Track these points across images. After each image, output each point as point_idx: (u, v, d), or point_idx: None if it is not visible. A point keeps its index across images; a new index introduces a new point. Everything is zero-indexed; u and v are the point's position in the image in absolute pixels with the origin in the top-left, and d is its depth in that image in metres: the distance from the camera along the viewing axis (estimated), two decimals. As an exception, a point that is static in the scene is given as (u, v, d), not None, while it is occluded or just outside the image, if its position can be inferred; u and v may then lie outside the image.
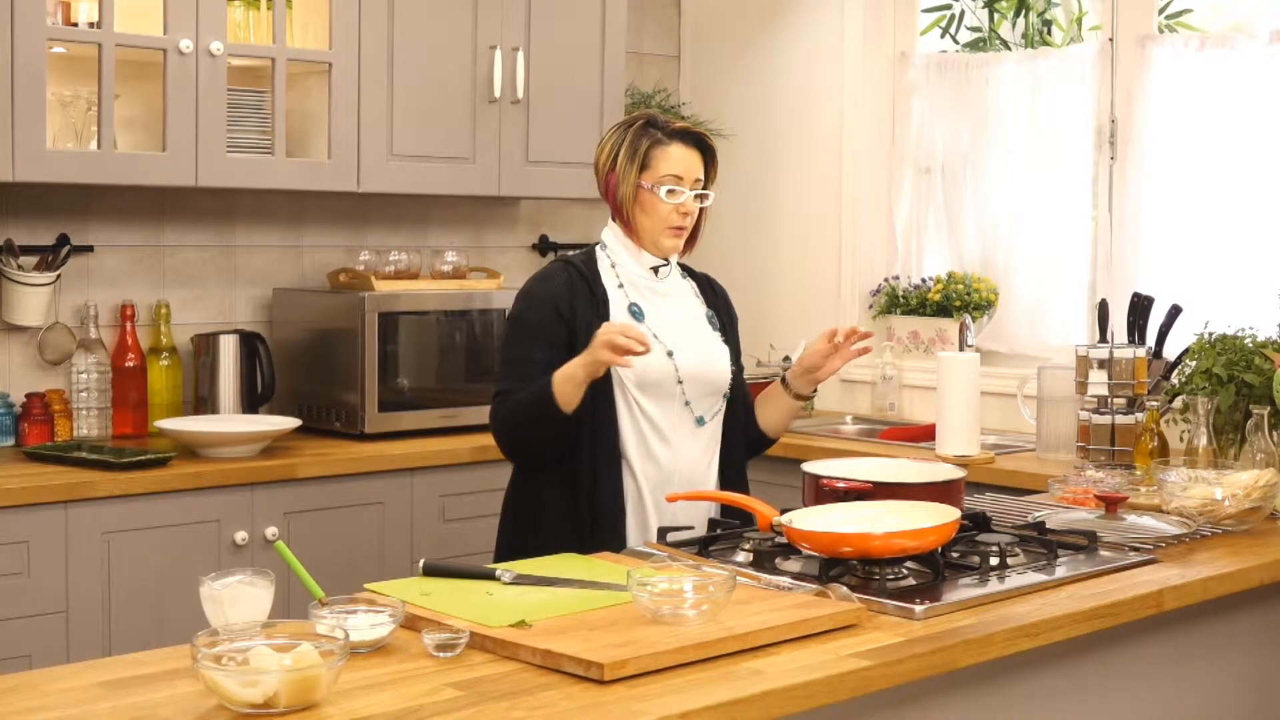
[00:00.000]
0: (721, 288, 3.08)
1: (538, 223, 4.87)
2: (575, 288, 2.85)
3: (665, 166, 2.85)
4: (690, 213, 2.88)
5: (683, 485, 2.84)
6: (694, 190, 2.88)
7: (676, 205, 2.85)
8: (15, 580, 3.27)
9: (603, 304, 2.85)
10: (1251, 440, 3.11)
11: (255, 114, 3.89)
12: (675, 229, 2.88)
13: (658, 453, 2.84)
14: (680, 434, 2.86)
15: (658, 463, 2.84)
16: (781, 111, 4.98)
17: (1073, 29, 4.79)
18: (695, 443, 2.89)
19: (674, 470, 2.85)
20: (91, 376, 3.93)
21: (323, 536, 3.69)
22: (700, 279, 3.05)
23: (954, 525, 2.34)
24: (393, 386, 4.03)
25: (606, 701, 1.79)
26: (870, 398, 4.73)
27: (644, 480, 2.83)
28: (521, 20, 4.31)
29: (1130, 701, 2.52)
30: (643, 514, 2.83)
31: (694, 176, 2.87)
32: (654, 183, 2.85)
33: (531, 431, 2.80)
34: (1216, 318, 3.61)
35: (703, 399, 2.89)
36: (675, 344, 2.84)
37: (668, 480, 2.84)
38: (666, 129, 2.89)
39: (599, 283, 2.87)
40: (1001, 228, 4.57)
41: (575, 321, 2.82)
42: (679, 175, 2.85)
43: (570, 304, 2.83)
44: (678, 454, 2.86)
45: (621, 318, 2.85)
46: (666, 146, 2.87)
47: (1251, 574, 2.59)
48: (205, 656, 1.73)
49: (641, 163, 2.86)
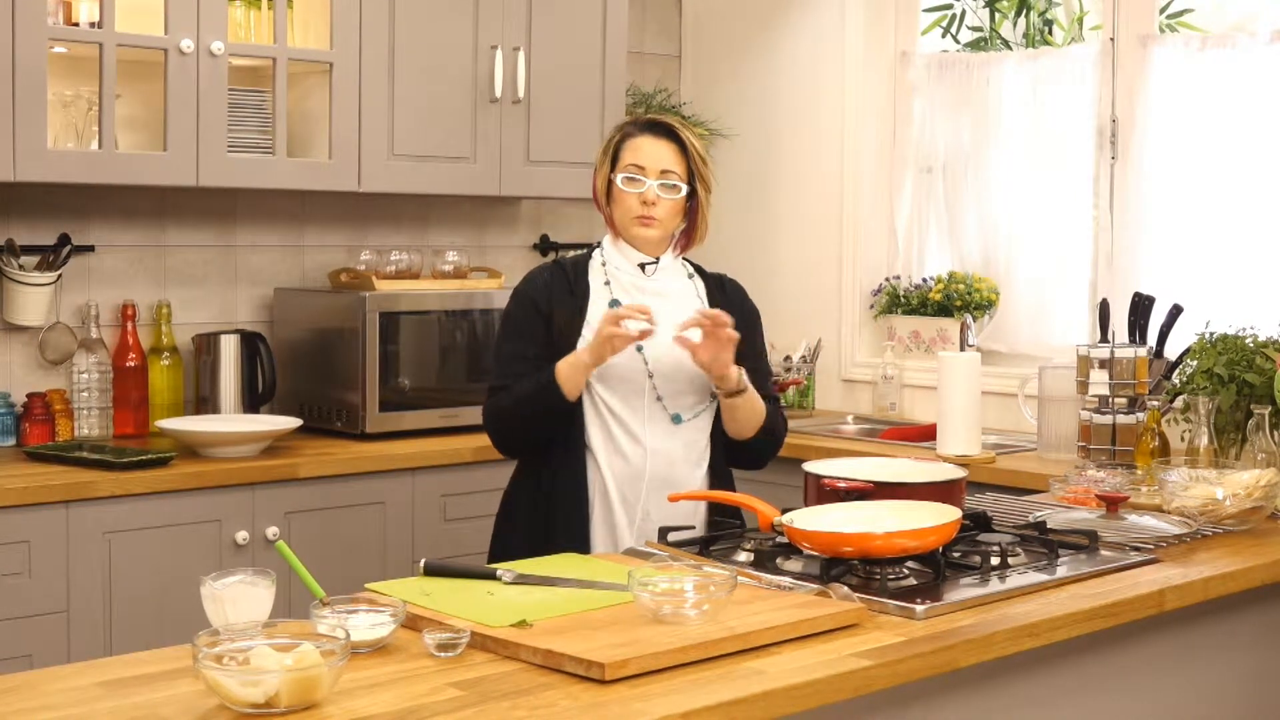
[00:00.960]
0: (737, 289, 3.04)
1: (539, 222, 4.87)
2: (554, 286, 2.89)
3: (629, 157, 2.87)
4: (652, 201, 2.85)
5: (656, 483, 2.82)
6: (659, 180, 2.86)
7: (639, 194, 2.85)
8: (16, 580, 3.27)
9: (581, 300, 2.87)
10: (1252, 440, 3.11)
11: (256, 114, 3.89)
12: (641, 219, 2.86)
13: (624, 448, 2.83)
14: (652, 431, 2.84)
15: (625, 458, 2.83)
16: (782, 111, 4.98)
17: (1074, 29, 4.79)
18: (672, 441, 2.86)
19: (644, 467, 2.83)
20: (92, 376, 3.93)
21: (324, 536, 3.69)
22: (711, 279, 3.03)
23: (955, 525, 2.34)
24: (394, 386, 4.03)
25: (607, 701, 1.79)
26: (871, 397, 4.73)
27: (609, 474, 2.83)
28: (522, 20, 4.31)
29: (1132, 701, 2.51)
30: (608, 508, 2.82)
31: (660, 167, 2.86)
32: (621, 174, 2.87)
33: (531, 422, 2.82)
34: (1217, 317, 3.62)
35: (679, 397, 2.86)
36: (649, 339, 2.77)
37: (637, 476, 2.83)
38: (638, 122, 2.92)
39: (582, 280, 2.89)
40: (1002, 227, 4.57)
41: (552, 317, 2.85)
42: (640, 165, 2.86)
43: (548, 301, 2.87)
44: (649, 451, 2.83)
45: (597, 314, 2.84)
46: (635, 138, 2.89)
47: (1253, 573, 2.59)
48: (206, 656, 1.73)
49: (612, 157, 2.90)
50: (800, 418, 4.64)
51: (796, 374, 4.70)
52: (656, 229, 2.88)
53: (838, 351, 4.83)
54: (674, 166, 2.87)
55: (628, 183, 2.86)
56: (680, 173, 2.88)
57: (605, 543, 2.81)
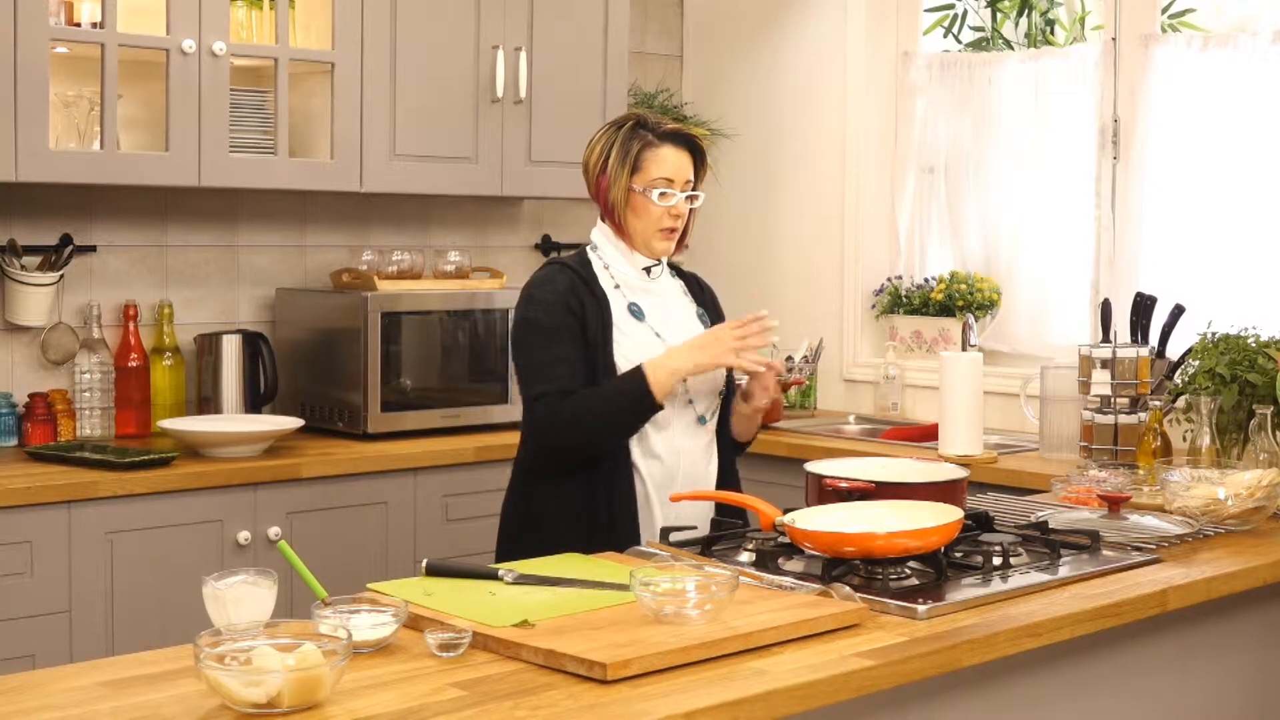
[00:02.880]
0: (708, 286, 3.08)
1: (540, 222, 4.87)
2: (577, 288, 2.85)
3: (657, 169, 2.85)
4: (682, 214, 2.88)
5: (686, 484, 2.84)
6: (685, 192, 2.87)
7: (669, 208, 2.85)
8: (18, 580, 3.28)
9: (604, 304, 2.85)
10: (1254, 440, 3.11)
11: (258, 114, 3.90)
12: (667, 231, 2.88)
13: (661, 452, 2.84)
14: (683, 433, 2.87)
15: (661, 461, 2.84)
16: (784, 111, 4.98)
17: (1075, 28, 4.79)
18: (697, 442, 2.89)
19: (677, 469, 2.85)
20: (94, 376, 3.93)
21: (325, 536, 3.69)
22: (688, 278, 3.05)
23: (957, 525, 2.34)
24: (396, 386, 4.03)
25: (609, 701, 1.79)
26: (873, 397, 4.73)
27: (649, 479, 2.83)
28: (524, 20, 4.31)
29: (1133, 701, 2.51)
30: (650, 513, 2.83)
31: (685, 178, 2.87)
32: (645, 186, 2.84)
33: (615, 425, 2.78)
34: (1219, 317, 3.61)
35: (704, 397, 2.90)
36: (677, 342, 2.84)
37: (671, 479, 2.84)
38: (658, 130, 2.88)
39: (596, 284, 2.87)
40: (1004, 227, 4.57)
41: (585, 319, 2.82)
42: (670, 178, 2.85)
43: (580, 301, 2.83)
44: (681, 453, 2.86)
45: (622, 318, 2.85)
46: (658, 149, 2.86)
47: (1255, 573, 2.59)
48: (208, 656, 1.73)
49: (633, 166, 2.86)
50: (802, 418, 4.64)
51: (798, 374, 4.70)
52: (675, 239, 2.91)
53: (839, 351, 4.83)
54: (693, 177, 2.90)
55: (661, 198, 2.84)
56: (697, 182, 2.91)
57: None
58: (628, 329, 2.85)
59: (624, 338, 2.83)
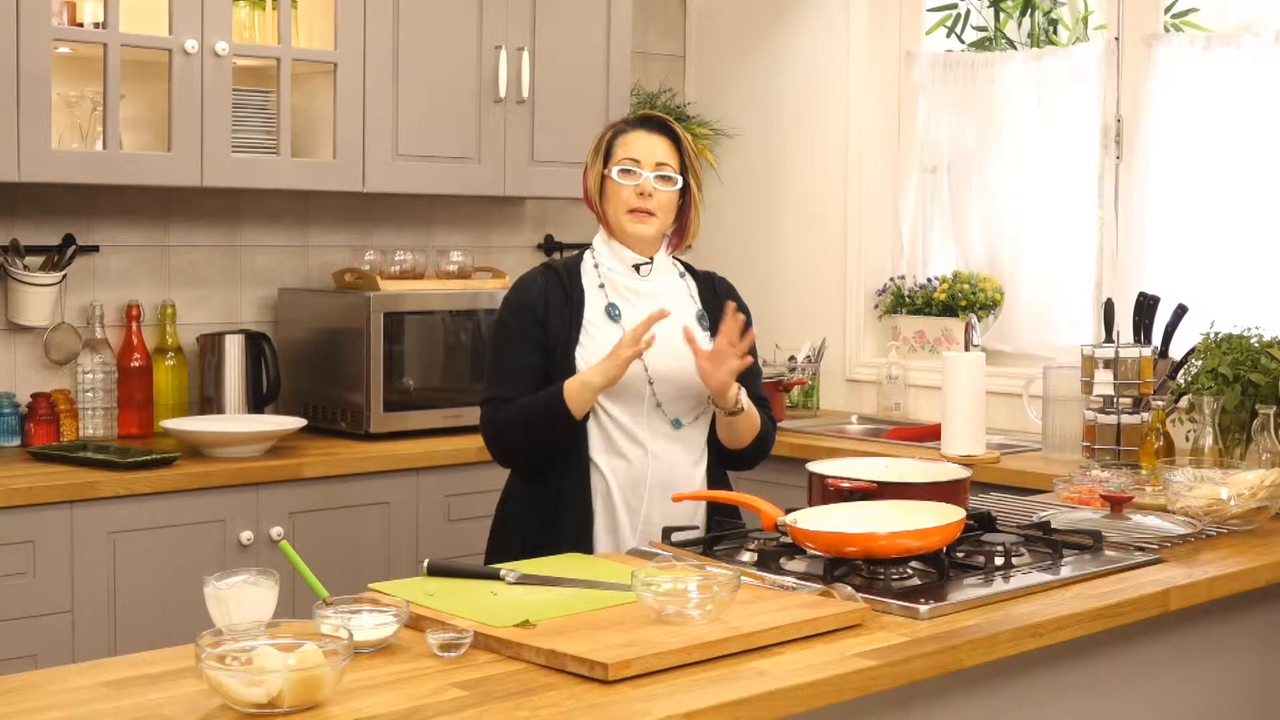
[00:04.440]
0: (727, 287, 3.01)
1: (543, 222, 4.87)
2: (549, 292, 2.85)
3: (624, 151, 2.87)
4: (649, 193, 2.83)
5: (658, 487, 2.81)
6: (655, 173, 2.84)
7: (635, 187, 2.83)
8: (20, 580, 3.28)
9: (577, 305, 2.83)
10: (1257, 440, 3.11)
11: (260, 114, 3.90)
12: (636, 211, 2.84)
13: (627, 452, 2.81)
14: (653, 436, 2.82)
15: (628, 462, 2.81)
16: (787, 111, 4.98)
17: (1078, 28, 4.78)
18: (673, 445, 2.84)
19: (647, 471, 2.81)
20: (97, 376, 3.94)
21: (327, 536, 3.69)
22: (702, 278, 3.01)
23: (959, 525, 2.34)
24: (398, 386, 4.03)
25: (611, 701, 1.79)
26: (875, 397, 4.73)
27: (612, 479, 2.81)
28: (526, 20, 4.31)
29: (1136, 701, 2.51)
30: (611, 513, 2.81)
31: (655, 160, 2.85)
32: (614, 169, 2.85)
33: (536, 437, 2.79)
34: (1222, 317, 3.61)
35: (678, 401, 2.84)
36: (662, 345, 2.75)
37: (639, 481, 2.81)
38: (630, 119, 2.92)
39: (576, 284, 2.86)
40: (1007, 227, 4.57)
41: (549, 324, 2.82)
42: (636, 159, 2.85)
43: (545, 307, 2.83)
44: (652, 455, 2.82)
45: (598, 319, 2.83)
46: (627, 134, 2.89)
47: (1257, 573, 2.59)
48: (209, 656, 1.73)
49: (605, 153, 2.89)
50: (804, 418, 4.64)
51: (801, 374, 4.70)
52: (652, 224, 2.85)
53: (842, 351, 4.83)
54: (668, 159, 2.86)
55: (623, 175, 2.84)
56: (674, 166, 2.87)
57: (608, 547, 2.80)
58: (597, 331, 2.82)
59: (590, 340, 2.81)
